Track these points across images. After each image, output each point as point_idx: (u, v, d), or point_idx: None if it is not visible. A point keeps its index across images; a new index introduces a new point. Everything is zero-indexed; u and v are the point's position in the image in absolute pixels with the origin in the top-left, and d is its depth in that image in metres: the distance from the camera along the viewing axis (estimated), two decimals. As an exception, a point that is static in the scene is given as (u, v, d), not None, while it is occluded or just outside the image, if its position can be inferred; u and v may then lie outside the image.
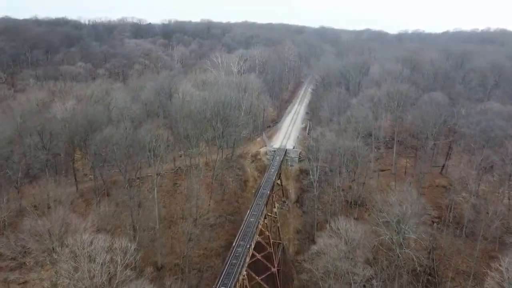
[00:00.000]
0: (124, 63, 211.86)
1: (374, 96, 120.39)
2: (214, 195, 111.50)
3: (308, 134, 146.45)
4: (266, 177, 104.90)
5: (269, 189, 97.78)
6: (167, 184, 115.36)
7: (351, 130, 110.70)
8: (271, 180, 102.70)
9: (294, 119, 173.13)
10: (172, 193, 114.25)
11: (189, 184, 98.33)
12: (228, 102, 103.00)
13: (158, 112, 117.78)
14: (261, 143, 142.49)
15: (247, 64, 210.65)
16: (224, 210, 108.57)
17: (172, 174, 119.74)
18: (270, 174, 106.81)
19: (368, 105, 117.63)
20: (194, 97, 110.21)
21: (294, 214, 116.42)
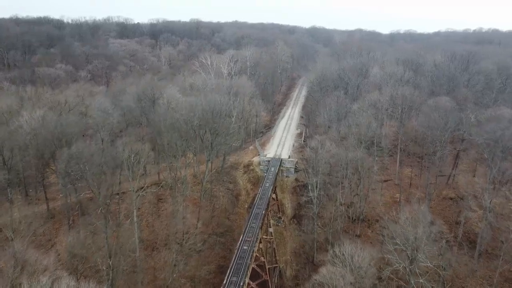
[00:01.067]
0: (107, 65, 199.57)
1: (376, 101, 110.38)
2: (202, 212, 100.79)
3: (304, 141, 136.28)
4: (260, 193, 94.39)
5: (264, 207, 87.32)
6: (151, 200, 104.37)
7: (353, 139, 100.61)
8: (266, 196, 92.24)
9: (289, 124, 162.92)
10: (156, 210, 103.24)
11: (174, 204, 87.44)
12: (218, 110, 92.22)
13: (141, 120, 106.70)
14: (254, 152, 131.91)
15: (238, 66, 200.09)
16: (214, 229, 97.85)
17: (157, 189, 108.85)
18: (265, 189, 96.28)
19: (371, 111, 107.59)
20: (180, 104, 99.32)
21: (291, 232, 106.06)
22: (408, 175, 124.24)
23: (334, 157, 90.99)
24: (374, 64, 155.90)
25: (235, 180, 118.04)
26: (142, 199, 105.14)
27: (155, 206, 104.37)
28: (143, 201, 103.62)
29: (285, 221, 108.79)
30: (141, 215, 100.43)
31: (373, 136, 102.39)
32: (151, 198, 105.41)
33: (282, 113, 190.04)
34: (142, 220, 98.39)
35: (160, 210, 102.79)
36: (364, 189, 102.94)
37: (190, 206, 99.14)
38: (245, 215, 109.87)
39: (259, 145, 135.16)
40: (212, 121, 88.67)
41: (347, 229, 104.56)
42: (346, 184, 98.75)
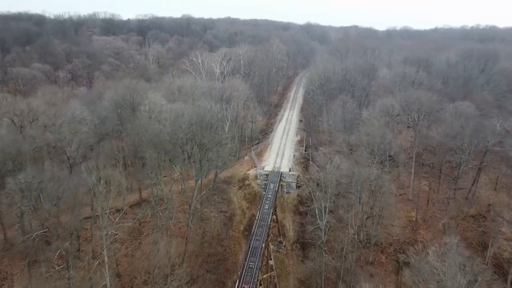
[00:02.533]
0: (88, 64, 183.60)
1: (389, 107, 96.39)
2: (191, 237, 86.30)
3: (306, 150, 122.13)
4: (259, 218, 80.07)
5: (264, 238, 73.02)
6: (133, 218, 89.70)
7: (365, 152, 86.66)
8: (266, 223, 77.99)
9: (287, 130, 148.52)
10: (137, 235, 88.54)
11: (156, 233, 73.01)
12: (208, 120, 77.57)
13: (121, 129, 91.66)
14: (250, 163, 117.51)
15: (231, 65, 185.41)
16: (204, 260, 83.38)
17: (137, 209, 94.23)
18: (263, 213, 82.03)
19: (384, 119, 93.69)
20: (165, 112, 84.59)
21: (294, 260, 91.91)
22: (423, 189, 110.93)
23: (346, 176, 76.84)
24: (380, 64, 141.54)
25: (229, 198, 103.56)
26: (119, 223, 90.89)
27: (136, 231, 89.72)
28: (119, 226, 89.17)
29: (286, 246, 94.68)
30: (119, 242, 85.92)
31: (386, 149, 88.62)
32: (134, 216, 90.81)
33: (279, 116, 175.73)
34: (120, 249, 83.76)
35: (142, 236, 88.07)
36: (377, 209, 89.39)
37: (175, 235, 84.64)
38: (241, 239, 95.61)
39: (256, 155, 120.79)
40: (201, 135, 74.13)
41: (358, 255, 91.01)
42: (359, 206, 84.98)
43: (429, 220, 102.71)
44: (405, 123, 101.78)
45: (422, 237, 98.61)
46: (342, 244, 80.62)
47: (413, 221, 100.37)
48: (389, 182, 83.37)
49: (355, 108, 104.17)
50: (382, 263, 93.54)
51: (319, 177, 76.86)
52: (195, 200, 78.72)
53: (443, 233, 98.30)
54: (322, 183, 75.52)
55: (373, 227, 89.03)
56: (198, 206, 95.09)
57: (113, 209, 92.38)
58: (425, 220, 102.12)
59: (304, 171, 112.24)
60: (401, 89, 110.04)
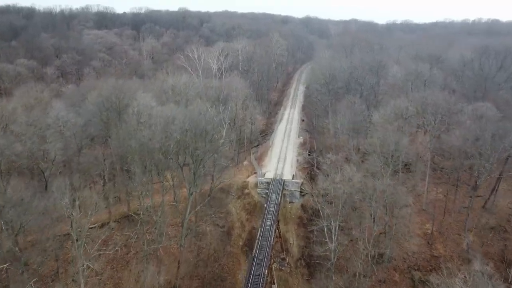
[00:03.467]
0: (78, 60, 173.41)
1: (403, 110, 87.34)
2: (184, 258, 77.41)
3: (310, 155, 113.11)
4: (260, 237, 71.22)
5: (267, 263, 64.19)
6: (117, 240, 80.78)
7: (378, 160, 77.71)
8: (269, 243, 69.15)
9: (288, 130, 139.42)
10: (124, 254, 79.62)
11: (144, 256, 64.04)
12: (203, 128, 68.22)
13: (106, 134, 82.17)
14: (249, 169, 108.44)
15: (229, 60, 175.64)
16: (199, 286, 74.52)
17: (125, 223, 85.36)
18: (265, 230, 73.18)
19: (397, 123, 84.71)
20: (155, 117, 75.21)
21: (298, 280, 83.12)
22: (437, 197, 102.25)
23: (358, 189, 67.94)
24: (389, 61, 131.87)
25: (227, 209, 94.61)
26: (105, 239, 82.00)
27: (124, 246, 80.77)
28: (105, 241, 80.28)
29: (290, 264, 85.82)
30: (103, 259, 77.07)
31: (401, 156, 79.67)
32: (118, 238, 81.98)
33: (279, 115, 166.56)
34: (105, 270, 74.83)
35: (130, 255, 79.14)
36: (390, 222, 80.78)
37: (166, 253, 75.77)
38: (240, 256, 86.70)
39: (255, 160, 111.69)
40: (195, 145, 64.91)
41: (369, 274, 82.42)
42: (370, 219, 76.21)
43: (445, 233, 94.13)
44: (417, 126, 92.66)
45: (439, 252, 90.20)
46: (353, 267, 71.89)
47: (428, 233, 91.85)
48: (406, 195, 74.52)
49: (364, 109, 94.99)
50: (395, 282, 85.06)
51: (328, 190, 67.86)
52: (188, 217, 69.69)
53: (462, 248, 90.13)
54: (332, 197, 66.56)
55: (386, 243, 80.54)
56: (192, 218, 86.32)
57: (97, 223, 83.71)
58: (440, 232, 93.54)
59: (308, 178, 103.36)
60: (413, 88, 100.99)
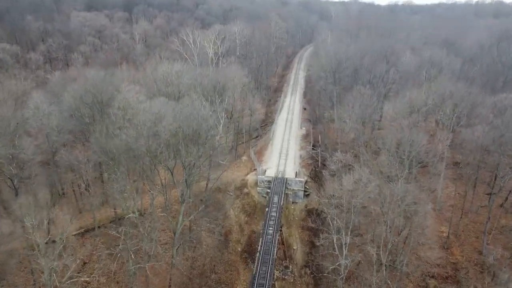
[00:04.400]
0: (65, 44, 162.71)
1: (418, 102, 78.55)
2: (175, 272, 69.61)
3: (313, 148, 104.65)
4: (263, 248, 63.33)
5: (270, 280, 56.36)
6: (102, 248, 72.85)
7: (393, 160, 69.41)
8: (271, 255, 61.27)
9: (290, 121, 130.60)
10: (110, 262, 71.72)
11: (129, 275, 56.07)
12: (196, 130, 59.24)
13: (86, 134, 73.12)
14: (249, 165, 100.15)
15: (226, 44, 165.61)
16: (193, 301, 67.02)
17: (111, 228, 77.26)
18: (267, 240, 65.26)
19: (413, 117, 76.08)
20: (142, 113, 66.15)
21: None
22: (451, 194, 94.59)
23: (374, 199, 59.77)
24: (398, 45, 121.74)
25: (224, 210, 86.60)
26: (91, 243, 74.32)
27: (110, 254, 72.82)
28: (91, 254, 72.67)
29: (294, 272, 78.11)
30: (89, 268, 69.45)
31: (417, 155, 71.30)
32: (103, 245, 74.02)
33: (279, 103, 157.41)
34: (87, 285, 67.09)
35: (117, 264, 71.20)
36: (407, 230, 72.93)
37: (158, 265, 67.85)
38: (239, 263, 78.86)
39: (255, 155, 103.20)
40: (186, 150, 56.20)
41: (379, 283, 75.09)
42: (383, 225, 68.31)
43: (461, 235, 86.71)
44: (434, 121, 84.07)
45: (455, 258, 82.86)
46: (363, 272, 64.28)
47: (443, 237, 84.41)
48: (426, 201, 66.49)
49: (374, 101, 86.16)
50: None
51: (338, 198, 59.62)
52: (180, 227, 61.57)
53: (480, 252, 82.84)
54: (342, 206, 58.38)
55: (399, 250, 72.78)
56: (186, 224, 78.37)
57: (81, 229, 75.77)
58: (457, 235, 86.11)
59: (313, 176, 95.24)
60: (427, 77, 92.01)
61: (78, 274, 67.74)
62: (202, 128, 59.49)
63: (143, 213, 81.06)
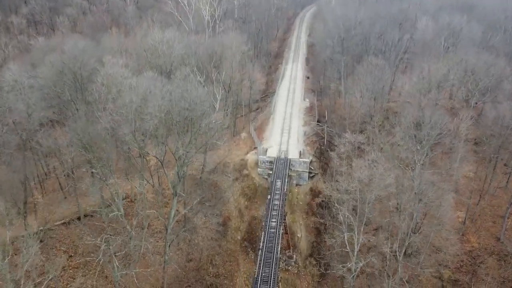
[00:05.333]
0: (49, 7, 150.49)
1: (438, 76, 69.95)
2: (170, 261, 63.64)
3: (319, 123, 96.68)
4: (265, 244, 56.80)
5: (274, 284, 50.26)
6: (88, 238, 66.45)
7: (410, 143, 61.92)
8: (275, 255, 54.88)
9: (292, 91, 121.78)
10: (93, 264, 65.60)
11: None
12: (190, 113, 50.63)
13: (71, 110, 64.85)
14: (248, 143, 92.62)
15: (223, 6, 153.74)
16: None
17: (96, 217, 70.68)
18: (270, 234, 58.73)
19: (433, 93, 67.79)
20: (128, 91, 57.52)
21: (307, 281, 70.15)
22: (467, 174, 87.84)
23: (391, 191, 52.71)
24: (412, 9, 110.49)
25: (221, 194, 79.85)
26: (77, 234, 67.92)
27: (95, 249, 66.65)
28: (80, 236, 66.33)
29: (298, 262, 72.37)
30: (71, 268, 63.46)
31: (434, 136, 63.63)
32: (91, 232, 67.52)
33: (280, 71, 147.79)
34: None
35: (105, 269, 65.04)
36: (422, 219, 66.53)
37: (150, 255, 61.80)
38: (238, 254, 73.00)
39: (255, 131, 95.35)
40: (177, 138, 48.24)
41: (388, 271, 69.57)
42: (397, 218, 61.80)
43: (477, 220, 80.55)
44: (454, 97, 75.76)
45: (471, 246, 77.07)
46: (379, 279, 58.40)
47: (459, 222, 78.28)
48: (448, 191, 59.62)
49: (388, 74, 77.45)
50: (420, 282, 72.47)
51: (352, 191, 52.52)
52: (173, 222, 54.85)
53: (497, 240, 77.02)
54: (353, 198, 51.39)
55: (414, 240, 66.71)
56: (180, 209, 71.88)
57: (63, 220, 69.14)
58: (473, 220, 79.88)
59: (318, 155, 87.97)
60: (446, 47, 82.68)
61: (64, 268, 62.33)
62: (196, 114, 51.33)
63: (133, 199, 74.61)
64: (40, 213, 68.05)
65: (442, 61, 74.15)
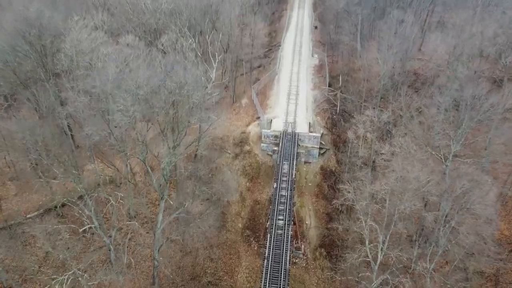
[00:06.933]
0: None
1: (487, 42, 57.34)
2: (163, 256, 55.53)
3: (330, 87, 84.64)
4: (272, 245, 47.97)
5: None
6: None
7: (450, 129, 51.21)
8: (285, 256, 46.19)
9: (299, 45, 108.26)
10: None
11: None
12: (180, 92, 39.14)
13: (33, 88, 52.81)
14: (250, 112, 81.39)
15: None
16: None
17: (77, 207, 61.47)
18: (277, 237, 49.66)
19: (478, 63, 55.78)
20: (101, 63, 45.56)
21: (317, 277, 62.35)
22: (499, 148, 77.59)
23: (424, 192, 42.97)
24: None
25: (220, 174, 70.09)
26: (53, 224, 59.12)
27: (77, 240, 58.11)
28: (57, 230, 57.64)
29: (306, 253, 64.21)
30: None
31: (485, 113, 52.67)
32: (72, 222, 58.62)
33: (285, 18, 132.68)
34: None
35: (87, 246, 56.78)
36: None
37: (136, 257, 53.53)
38: (239, 244, 64.50)
39: (257, 98, 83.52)
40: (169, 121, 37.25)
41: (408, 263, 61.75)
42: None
43: (508, 202, 71.69)
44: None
45: (502, 234, 68.73)
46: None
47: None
48: (489, 185, 49.84)
49: (418, 33, 64.54)
50: (444, 274, 64.99)
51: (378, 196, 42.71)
52: (161, 227, 45.63)
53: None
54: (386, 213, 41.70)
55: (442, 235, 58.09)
56: (172, 195, 62.78)
57: (37, 211, 60.03)
58: (503, 202, 70.96)
59: (330, 126, 77.18)
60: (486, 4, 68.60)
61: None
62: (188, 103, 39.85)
63: (118, 183, 65.01)
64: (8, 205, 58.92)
65: (485, 20, 60.88)
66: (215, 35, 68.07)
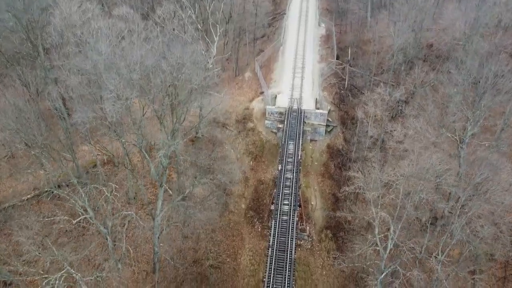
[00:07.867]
0: None
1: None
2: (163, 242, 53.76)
3: (338, 60, 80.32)
4: (277, 232, 45.94)
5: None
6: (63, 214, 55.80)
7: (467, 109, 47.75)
8: (289, 256, 44.17)
9: (304, 12, 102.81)
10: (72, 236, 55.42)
11: None
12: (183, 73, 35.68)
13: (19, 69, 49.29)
14: (253, 86, 77.65)
15: None
16: (186, 280, 52.23)
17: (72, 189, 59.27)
18: (282, 221, 47.45)
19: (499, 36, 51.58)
20: (97, 37, 41.66)
21: (323, 259, 60.66)
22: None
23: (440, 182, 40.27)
24: None
25: (222, 152, 67.40)
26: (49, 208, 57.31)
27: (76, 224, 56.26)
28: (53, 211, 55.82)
29: (312, 235, 62.40)
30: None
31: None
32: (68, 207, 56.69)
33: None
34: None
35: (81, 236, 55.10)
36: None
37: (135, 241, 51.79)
38: (243, 226, 62.72)
39: (260, 69, 79.51)
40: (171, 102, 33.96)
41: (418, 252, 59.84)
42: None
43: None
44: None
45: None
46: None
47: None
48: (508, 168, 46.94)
49: (433, 4, 59.78)
50: (451, 256, 63.27)
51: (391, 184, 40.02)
52: (160, 214, 43.42)
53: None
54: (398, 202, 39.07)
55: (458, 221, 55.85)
56: (173, 176, 60.52)
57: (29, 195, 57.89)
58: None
59: (338, 102, 73.63)
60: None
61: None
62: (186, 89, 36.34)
63: (117, 163, 62.51)
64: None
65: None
66: (216, 4, 63.49)
